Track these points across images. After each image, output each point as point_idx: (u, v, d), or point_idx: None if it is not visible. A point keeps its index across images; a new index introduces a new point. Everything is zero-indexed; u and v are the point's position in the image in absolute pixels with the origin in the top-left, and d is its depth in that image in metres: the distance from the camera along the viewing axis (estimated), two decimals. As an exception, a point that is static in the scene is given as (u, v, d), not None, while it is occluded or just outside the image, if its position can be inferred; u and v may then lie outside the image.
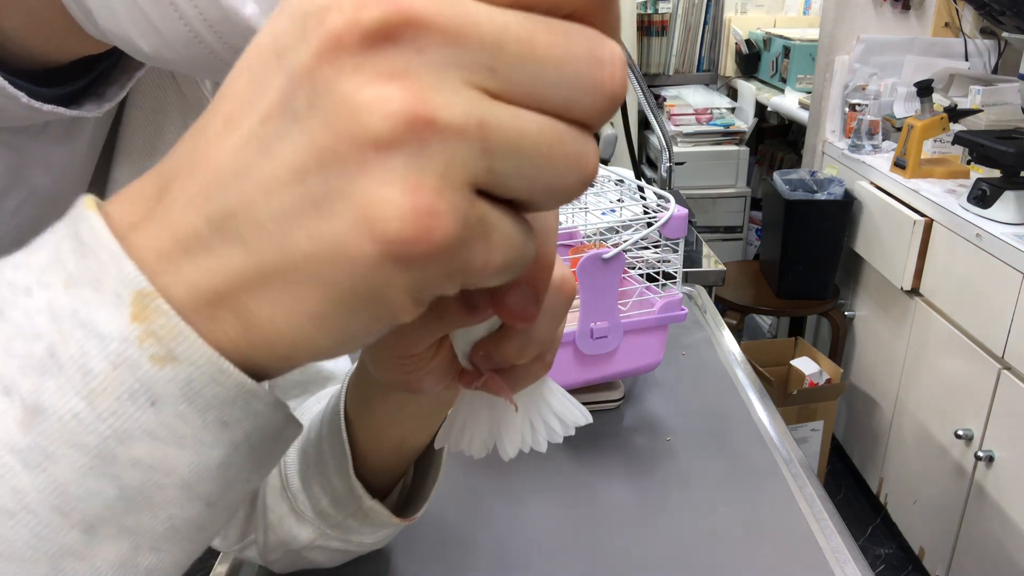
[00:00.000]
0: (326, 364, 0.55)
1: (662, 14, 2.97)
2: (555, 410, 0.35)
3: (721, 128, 2.72)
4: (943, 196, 1.71)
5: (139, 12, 0.26)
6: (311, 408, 0.52)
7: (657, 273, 0.74)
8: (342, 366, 0.57)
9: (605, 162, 1.99)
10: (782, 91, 2.71)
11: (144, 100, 0.39)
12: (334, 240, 0.18)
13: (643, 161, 2.79)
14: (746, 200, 2.77)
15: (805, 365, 2.00)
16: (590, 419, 0.35)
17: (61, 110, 0.31)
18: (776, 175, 2.09)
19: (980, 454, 1.54)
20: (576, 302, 0.69)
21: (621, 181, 0.81)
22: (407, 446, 0.44)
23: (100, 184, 0.40)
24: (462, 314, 0.24)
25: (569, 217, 0.86)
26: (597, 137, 1.62)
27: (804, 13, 3.01)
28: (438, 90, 0.17)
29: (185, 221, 0.19)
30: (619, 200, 0.82)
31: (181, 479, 0.21)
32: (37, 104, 0.30)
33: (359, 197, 0.17)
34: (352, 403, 0.44)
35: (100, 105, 0.33)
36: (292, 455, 0.49)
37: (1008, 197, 1.51)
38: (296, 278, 0.18)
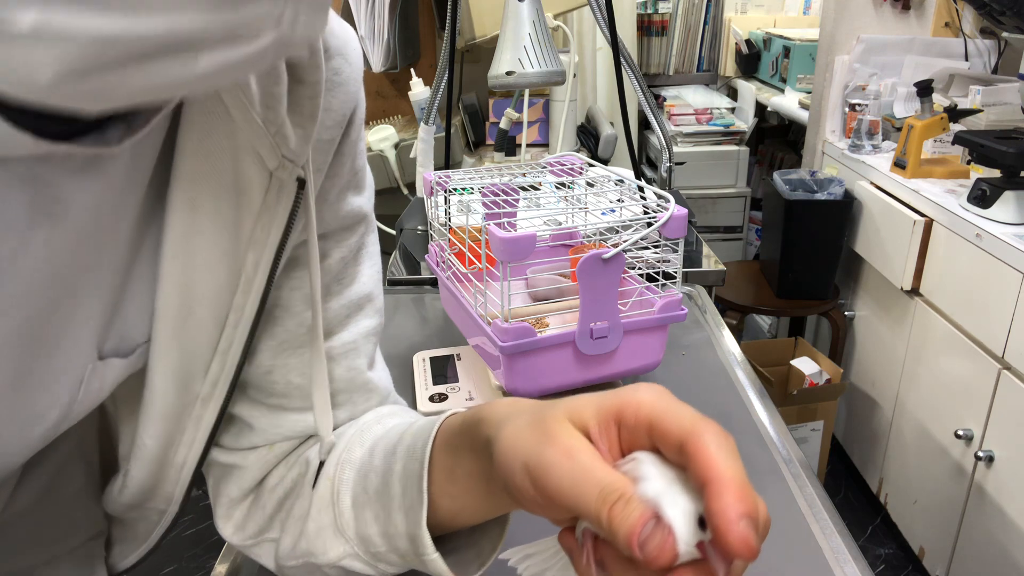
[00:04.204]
0: (371, 375, 0.54)
1: (662, 14, 2.97)
2: None
3: (721, 128, 2.72)
4: (943, 196, 1.71)
5: None
6: (367, 429, 0.51)
7: (657, 273, 0.74)
8: (384, 379, 0.56)
9: (605, 162, 1.99)
10: (782, 91, 2.71)
11: (193, 127, 0.38)
12: None
13: (643, 161, 2.79)
14: (746, 200, 2.77)
15: (805, 365, 2.00)
16: None
17: (71, 148, 0.30)
18: (776, 175, 2.09)
19: (980, 454, 1.54)
20: (576, 302, 0.69)
21: (621, 181, 0.81)
22: (479, 516, 0.44)
23: (157, 212, 0.40)
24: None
25: (569, 217, 0.86)
26: (597, 139, 1.63)
27: (804, 13, 3.01)
28: None
29: None
30: (619, 200, 0.82)
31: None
32: (46, 145, 0.28)
33: None
34: (439, 461, 0.43)
35: (127, 135, 0.32)
36: (349, 474, 0.48)
37: (1008, 197, 1.51)
38: None
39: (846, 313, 2.14)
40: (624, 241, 0.66)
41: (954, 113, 1.78)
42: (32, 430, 0.37)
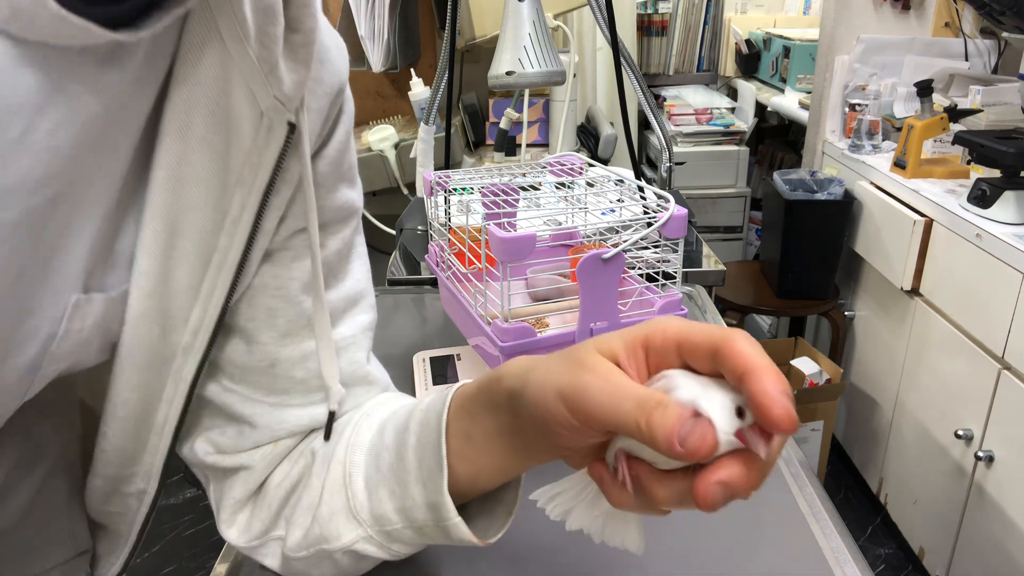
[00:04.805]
0: (370, 368, 0.55)
1: (662, 14, 2.97)
2: (630, 522, 0.40)
3: (721, 128, 2.72)
4: (943, 196, 1.71)
5: None
6: (373, 413, 0.52)
7: (657, 273, 0.74)
8: (382, 372, 0.58)
9: (605, 162, 1.99)
10: (782, 91, 2.71)
11: (189, 55, 0.39)
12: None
13: (643, 161, 2.79)
14: (746, 200, 2.77)
15: (805, 365, 2.00)
16: (641, 551, 0.40)
17: (90, 25, 0.31)
18: (776, 175, 2.09)
19: (980, 454, 1.54)
20: (576, 302, 0.69)
21: (621, 181, 0.81)
22: (497, 476, 0.45)
23: (152, 127, 0.40)
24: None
25: (569, 217, 0.86)
26: (597, 139, 1.63)
27: (804, 13, 3.01)
28: None
29: None
30: (619, 200, 0.82)
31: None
32: (66, 14, 0.29)
33: None
34: (454, 428, 0.44)
35: (134, 33, 0.33)
36: (360, 456, 0.49)
37: (1008, 197, 1.51)
38: None
39: (846, 313, 2.14)
40: (624, 241, 0.66)
41: (954, 113, 1.78)
42: (10, 363, 0.36)
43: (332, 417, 0.51)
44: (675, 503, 0.34)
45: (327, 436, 0.51)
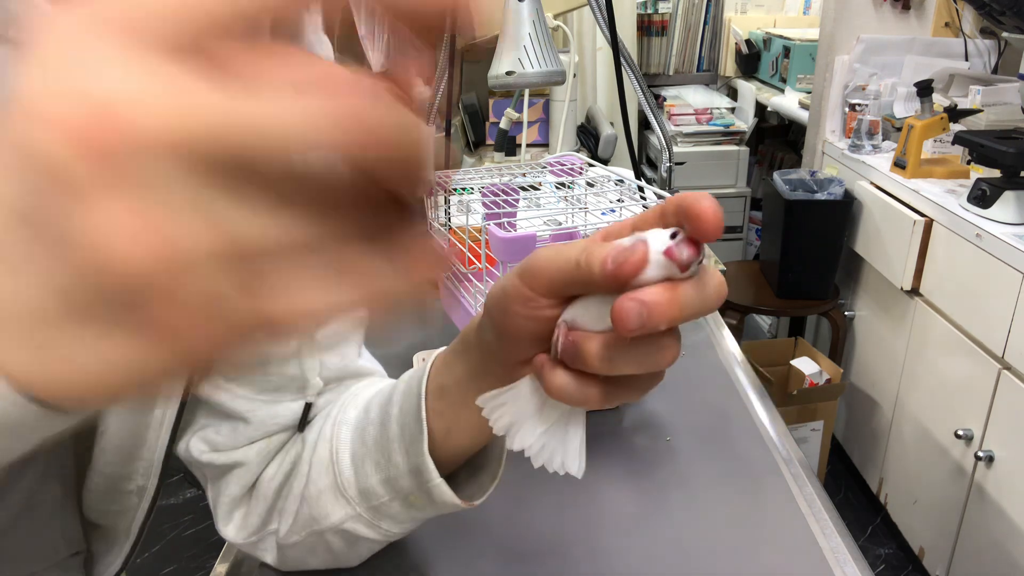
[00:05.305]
0: (364, 363, 0.56)
1: (662, 14, 2.97)
2: (570, 441, 0.38)
3: (721, 128, 2.72)
4: (943, 196, 1.71)
5: None
6: (360, 392, 0.53)
7: (657, 273, 0.74)
8: (374, 363, 0.59)
9: (605, 162, 1.99)
10: (782, 91, 2.71)
11: None
12: None
13: (643, 161, 2.79)
14: (746, 200, 2.77)
15: (805, 365, 2.00)
16: (580, 474, 0.38)
17: None
18: (776, 175, 2.09)
19: (980, 454, 1.54)
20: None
21: (621, 181, 0.81)
22: (468, 431, 0.45)
23: None
24: None
25: (569, 217, 0.86)
26: (597, 139, 1.62)
27: (804, 13, 3.01)
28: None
29: None
30: (619, 200, 0.82)
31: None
32: None
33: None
34: (433, 386, 0.45)
35: None
36: (346, 433, 0.50)
37: (1008, 197, 1.51)
38: None
39: (846, 313, 2.14)
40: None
41: (954, 113, 1.78)
42: None
43: (308, 409, 0.52)
44: (605, 358, 0.33)
45: (301, 427, 0.52)
